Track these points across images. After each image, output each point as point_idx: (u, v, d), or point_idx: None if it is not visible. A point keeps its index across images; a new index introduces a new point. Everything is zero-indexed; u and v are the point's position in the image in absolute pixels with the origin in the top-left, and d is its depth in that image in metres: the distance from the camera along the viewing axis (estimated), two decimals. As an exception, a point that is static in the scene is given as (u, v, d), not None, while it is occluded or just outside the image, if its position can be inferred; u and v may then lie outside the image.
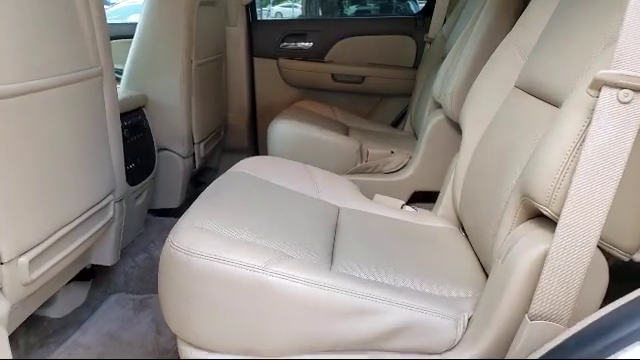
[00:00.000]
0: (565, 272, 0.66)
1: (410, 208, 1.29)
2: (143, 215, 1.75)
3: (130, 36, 1.80)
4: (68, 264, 1.16)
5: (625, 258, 0.74)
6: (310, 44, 2.49)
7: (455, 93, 1.59)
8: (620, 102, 0.61)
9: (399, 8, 3.79)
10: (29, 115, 0.93)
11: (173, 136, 1.82)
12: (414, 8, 3.39)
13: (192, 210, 0.95)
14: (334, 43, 2.47)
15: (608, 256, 0.73)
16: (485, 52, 1.54)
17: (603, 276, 0.72)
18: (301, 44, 2.50)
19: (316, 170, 1.32)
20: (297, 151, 1.83)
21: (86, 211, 1.16)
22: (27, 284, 0.97)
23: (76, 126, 1.11)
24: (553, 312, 0.67)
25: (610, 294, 0.76)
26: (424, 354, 0.80)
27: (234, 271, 0.77)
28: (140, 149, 1.64)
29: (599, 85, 0.62)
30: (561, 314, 0.67)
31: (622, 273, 0.82)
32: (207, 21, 1.96)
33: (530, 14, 1.13)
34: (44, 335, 1.32)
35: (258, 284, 0.77)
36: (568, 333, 0.57)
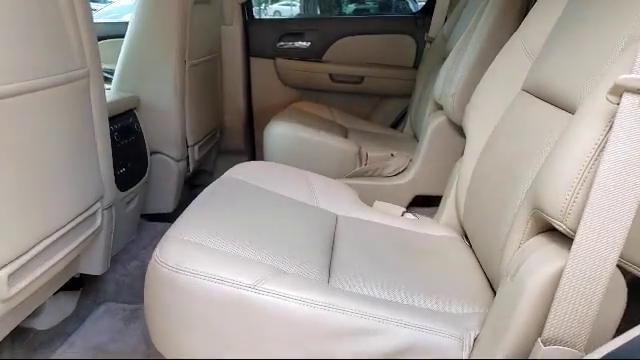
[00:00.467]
0: (582, 293, 0.61)
1: (411, 215, 1.23)
2: (135, 221, 1.70)
3: (124, 35, 1.74)
4: (53, 275, 1.11)
5: (645, 276, 0.69)
6: (308, 43, 2.43)
7: (457, 94, 1.54)
8: (643, 110, 0.55)
9: (398, 7, 3.74)
10: (8, 120, 0.88)
11: (166, 139, 1.76)
12: (414, 7, 3.34)
13: (181, 220, 0.90)
14: (332, 42, 2.41)
15: (624, 272, 0.68)
16: (488, 52, 1.49)
17: (621, 296, 0.67)
18: (299, 43, 2.44)
19: (313, 176, 1.27)
20: (294, 154, 1.77)
21: (72, 220, 1.10)
22: (6, 300, 0.91)
23: (60, 131, 1.05)
24: (568, 336, 0.62)
25: (626, 313, 0.71)
26: (427, 377, 0.75)
27: (222, 289, 0.72)
28: (131, 153, 1.58)
29: (620, 91, 0.57)
30: (577, 338, 0.62)
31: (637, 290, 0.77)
32: (201, 20, 1.91)
33: (537, 12, 1.08)
34: (30, 348, 1.27)
35: (248, 303, 0.71)
36: (586, 362, 0.52)
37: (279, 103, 2.38)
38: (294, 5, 5.69)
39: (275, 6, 5.81)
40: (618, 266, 0.65)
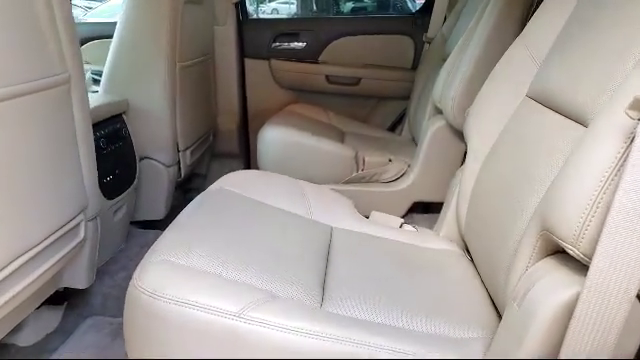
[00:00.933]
0: (599, 324, 0.55)
1: (410, 227, 1.18)
2: (124, 229, 1.64)
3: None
4: (34, 291, 1.05)
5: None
6: (303, 44, 2.37)
7: (457, 98, 1.49)
8: (668, 126, 0.50)
9: (396, 5, 3.68)
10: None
11: (156, 144, 1.70)
12: (412, 6, 3.28)
13: (164, 238, 0.84)
14: (328, 43, 2.35)
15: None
16: (490, 54, 1.44)
17: (639, 325, 0.61)
18: (294, 44, 2.38)
19: (308, 185, 1.21)
20: (289, 160, 1.72)
21: (52, 234, 1.05)
22: (-19, 320, 0.85)
23: (39, 140, 0.99)
24: (583, 372, 0.56)
25: None
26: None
27: (204, 318, 0.66)
28: (119, 159, 1.52)
29: (641, 106, 0.51)
30: (593, 374, 0.56)
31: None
32: (193, 20, 1.85)
33: (543, 14, 1.02)
34: (11, 366, 1.21)
35: (232, 333, 0.66)
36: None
37: (274, 105, 2.33)
38: (292, 3, 5.62)
39: (273, 4, 5.75)
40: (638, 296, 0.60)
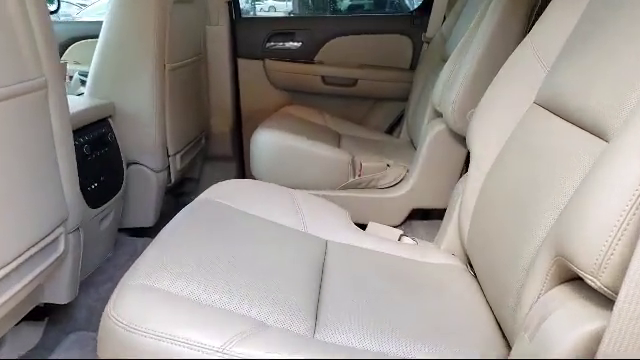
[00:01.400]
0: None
1: (409, 240, 1.11)
2: (111, 238, 1.57)
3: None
4: (10, 308, 0.99)
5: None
6: (299, 44, 2.30)
7: (458, 102, 1.42)
8: None
9: (394, 3, 3.61)
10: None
11: (144, 148, 1.63)
12: (410, 4, 3.21)
13: (143, 258, 0.78)
14: (324, 43, 2.28)
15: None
16: (492, 55, 1.38)
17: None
18: (289, 44, 2.31)
19: (301, 195, 1.14)
20: (282, 165, 1.65)
21: (28, 249, 0.98)
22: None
23: (13, 149, 0.93)
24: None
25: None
26: None
27: (185, 353, 0.60)
28: (105, 166, 1.45)
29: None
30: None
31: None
32: (183, 20, 1.77)
33: (551, 13, 0.96)
34: (-12, 386, 1.15)
35: (215, 371, 0.59)
36: None
37: (268, 107, 2.26)
38: (289, 0, 5.55)
39: (270, 1, 5.68)
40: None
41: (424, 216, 1.72)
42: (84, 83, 1.88)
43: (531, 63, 0.95)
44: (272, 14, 5.48)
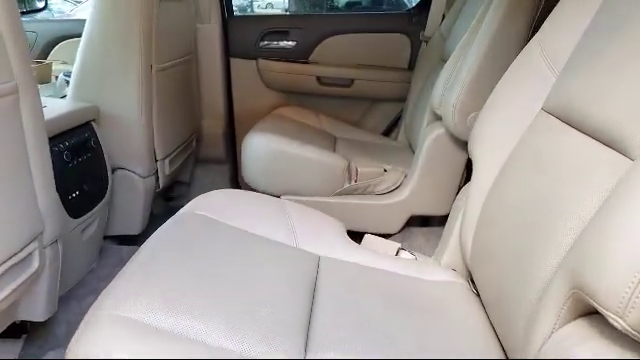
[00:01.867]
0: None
1: (407, 254, 1.05)
2: (94, 248, 1.50)
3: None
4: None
5: None
6: (293, 43, 2.23)
7: (459, 104, 1.36)
8: None
9: (391, 2, 3.54)
10: None
11: (130, 153, 1.56)
12: (408, 2, 3.13)
13: (116, 285, 0.71)
14: (319, 42, 2.21)
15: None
16: (495, 56, 1.31)
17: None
18: (283, 43, 2.23)
19: (294, 207, 1.08)
20: (275, 171, 1.59)
21: (-3, 267, 0.91)
22: None
23: (-21, 160, 0.86)
24: None
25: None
26: None
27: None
28: (87, 173, 1.38)
29: None
30: None
31: None
32: (172, 18, 1.70)
33: (561, 13, 0.89)
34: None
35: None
36: None
37: (262, 108, 2.19)
38: (287, -3, 5.48)
39: (268, -1, 5.62)
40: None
41: (423, 223, 1.65)
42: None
43: (539, 66, 0.88)
44: (268, 11, 5.41)
